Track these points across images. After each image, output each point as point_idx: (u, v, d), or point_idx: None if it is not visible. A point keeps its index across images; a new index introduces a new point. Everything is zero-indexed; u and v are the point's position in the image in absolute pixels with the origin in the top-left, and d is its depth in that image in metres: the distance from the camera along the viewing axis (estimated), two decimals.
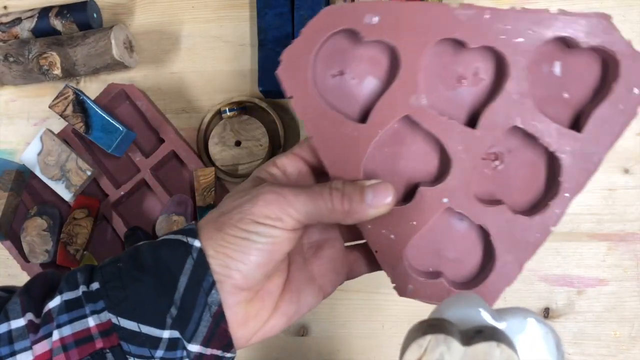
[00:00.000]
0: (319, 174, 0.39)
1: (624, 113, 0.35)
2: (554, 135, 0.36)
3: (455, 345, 0.26)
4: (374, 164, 0.39)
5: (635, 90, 0.35)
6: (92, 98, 0.60)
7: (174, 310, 0.33)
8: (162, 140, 0.61)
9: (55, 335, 0.32)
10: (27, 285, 0.35)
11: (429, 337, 0.26)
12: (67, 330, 0.32)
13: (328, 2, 0.60)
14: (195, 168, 0.59)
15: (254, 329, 0.36)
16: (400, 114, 0.37)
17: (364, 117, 0.38)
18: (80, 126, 0.57)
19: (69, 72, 0.63)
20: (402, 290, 0.39)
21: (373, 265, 0.40)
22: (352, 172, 0.37)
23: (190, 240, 0.34)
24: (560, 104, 0.37)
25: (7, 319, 0.33)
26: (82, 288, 0.33)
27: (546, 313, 0.57)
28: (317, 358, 0.61)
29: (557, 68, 0.37)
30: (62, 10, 0.64)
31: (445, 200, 0.37)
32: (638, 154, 0.58)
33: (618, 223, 0.57)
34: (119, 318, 0.33)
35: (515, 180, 0.39)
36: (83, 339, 0.33)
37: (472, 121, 0.37)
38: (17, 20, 0.65)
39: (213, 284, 0.33)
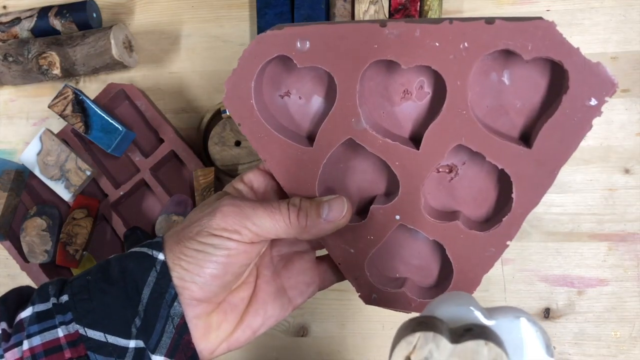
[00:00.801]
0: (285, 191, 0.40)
1: (578, 125, 0.32)
2: (501, 153, 0.34)
3: (444, 342, 0.26)
4: (330, 180, 0.39)
5: (592, 101, 0.32)
6: (92, 98, 0.60)
7: (138, 321, 0.34)
8: (161, 140, 0.61)
9: (25, 344, 0.33)
10: (3, 297, 0.36)
11: (418, 335, 0.26)
12: (36, 340, 0.33)
13: (328, 2, 0.60)
14: (195, 168, 0.59)
15: (217, 342, 0.37)
16: (343, 137, 0.36)
17: (315, 134, 0.38)
18: (79, 126, 0.57)
19: (69, 72, 0.63)
20: (366, 299, 0.40)
21: (341, 275, 0.41)
22: (308, 191, 0.38)
23: (154, 253, 0.35)
24: (512, 114, 0.36)
25: None
26: (53, 300, 0.34)
27: (547, 313, 0.57)
28: (317, 358, 0.61)
29: (506, 77, 0.35)
30: (61, 10, 0.64)
31: (397, 217, 0.38)
32: (638, 154, 0.58)
33: (618, 223, 0.57)
34: (85, 329, 0.34)
35: (470, 192, 0.38)
36: (52, 348, 0.33)
37: (420, 136, 0.36)
38: (17, 20, 0.65)
39: (175, 296, 0.34)
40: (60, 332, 0.34)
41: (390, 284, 0.40)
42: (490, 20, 0.32)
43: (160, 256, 0.35)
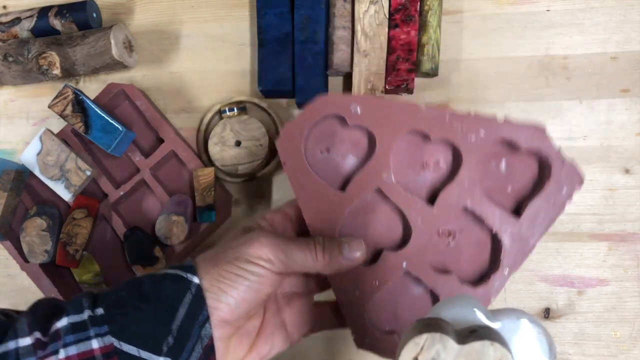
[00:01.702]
0: (301, 233, 0.45)
1: (555, 206, 0.42)
2: (497, 219, 0.43)
3: (451, 343, 0.26)
4: (348, 228, 0.45)
5: (564, 190, 0.42)
6: (92, 98, 0.60)
7: (170, 339, 0.36)
8: (161, 140, 0.61)
9: (62, 353, 0.35)
10: (33, 307, 0.38)
11: (425, 336, 0.26)
12: (72, 350, 0.35)
13: (328, 2, 0.60)
14: (195, 168, 0.59)
15: None
16: (374, 186, 0.44)
17: (342, 188, 0.45)
18: (79, 126, 0.57)
19: (69, 72, 0.63)
20: (360, 342, 0.44)
21: (338, 321, 0.46)
22: (330, 231, 0.44)
23: (189, 276, 0.38)
24: (504, 194, 0.44)
25: (15, 336, 0.35)
26: (88, 312, 0.36)
27: (547, 313, 0.57)
28: (317, 358, 0.61)
29: (503, 165, 0.44)
30: (61, 10, 0.64)
31: (404, 264, 0.44)
32: (638, 153, 0.58)
33: (619, 223, 0.57)
34: (120, 342, 0.36)
35: (464, 255, 0.45)
36: (86, 359, 0.35)
37: (432, 200, 0.44)
38: (17, 20, 0.65)
39: (207, 318, 0.37)
40: (95, 344, 0.35)
41: (384, 333, 0.44)
42: (501, 118, 0.42)
43: (195, 279, 0.37)
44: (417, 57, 0.58)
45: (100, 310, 0.36)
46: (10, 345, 0.35)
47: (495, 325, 0.29)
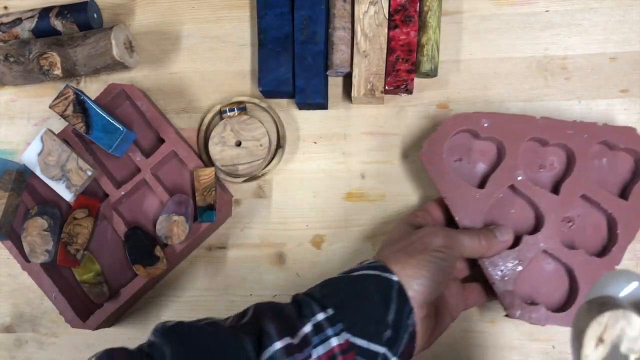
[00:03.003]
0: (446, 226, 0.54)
1: None
2: (610, 202, 0.53)
3: (635, 318, 0.26)
4: (490, 220, 0.54)
5: None
6: (93, 98, 0.60)
7: (388, 332, 0.42)
8: (162, 140, 0.61)
9: (314, 354, 0.41)
10: (272, 314, 0.43)
11: (607, 315, 0.27)
12: (320, 350, 0.41)
13: (328, 3, 0.60)
14: (196, 168, 0.59)
15: (420, 347, 0.45)
16: (508, 183, 0.54)
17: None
18: (80, 126, 0.58)
19: (70, 72, 0.63)
20: (512, 314, 0.51)
21: (488, 297, 0.54)
22: (475, 222, 0.53)
23: (388, 275, 0.44)
24: (609, 183, 0.55)
25: (271, 342, 0.41)
26: (322, 315, 0.42)
27: None
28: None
29: (604, 161, 0.55)
30: (62, 11, 0.64)
31: (541, 244, 0.52)
32: None
33: None
34: (355, 337, 0.42)
35: (584, 235, 0.55)
36: (331, 357, 0.41)
37: (555, 191, 0.54)
38: (18, 21, 0.65)
39: (411, 310, 0.43)
40: (334, 341, 0.41)
41: (528, 303, 0.52)
42: (600, 123, 0.54)
43: (394, 277, 0.44)
44: (417, 57, 0.58)
45: (330, 311, 0.42)
46: (271, 349, 0.40)
47: None
